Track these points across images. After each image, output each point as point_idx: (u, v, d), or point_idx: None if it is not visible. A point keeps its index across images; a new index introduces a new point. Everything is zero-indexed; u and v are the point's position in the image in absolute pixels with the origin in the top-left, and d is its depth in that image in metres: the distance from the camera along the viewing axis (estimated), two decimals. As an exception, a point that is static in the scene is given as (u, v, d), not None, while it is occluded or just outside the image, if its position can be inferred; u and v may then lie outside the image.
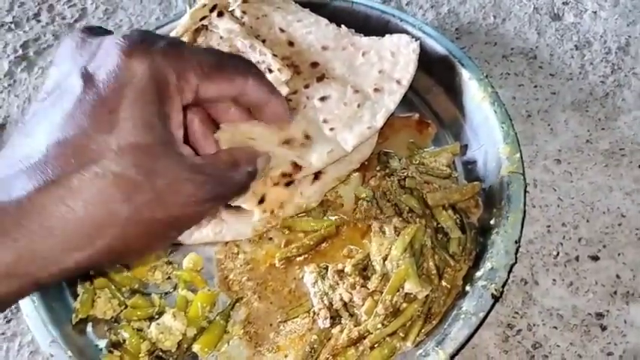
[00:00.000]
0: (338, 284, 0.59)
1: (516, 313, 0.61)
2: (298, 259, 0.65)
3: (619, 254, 0.64)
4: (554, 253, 0.65)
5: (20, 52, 0.95)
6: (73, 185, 0.34)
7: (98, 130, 0.36)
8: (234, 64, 0.45)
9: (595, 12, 0.85)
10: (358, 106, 0.68)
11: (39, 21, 0.99)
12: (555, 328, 0.60)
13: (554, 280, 0.63)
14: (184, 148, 0.41)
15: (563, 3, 0.86)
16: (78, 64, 0.38)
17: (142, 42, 0.38)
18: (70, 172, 0.35)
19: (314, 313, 0.60)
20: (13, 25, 0.99)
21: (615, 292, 0.62)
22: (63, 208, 0.34)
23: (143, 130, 0.37)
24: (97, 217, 0.35)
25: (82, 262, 0.36)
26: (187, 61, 0.40)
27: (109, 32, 0.42)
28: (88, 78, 0.37)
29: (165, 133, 0.39)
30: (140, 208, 0.37)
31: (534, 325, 0.61)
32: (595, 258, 0.64)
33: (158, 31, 0.83)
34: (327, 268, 0.61)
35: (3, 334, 0.69)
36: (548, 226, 0.67)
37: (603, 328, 0.60)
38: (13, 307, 0.70)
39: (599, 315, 0.60)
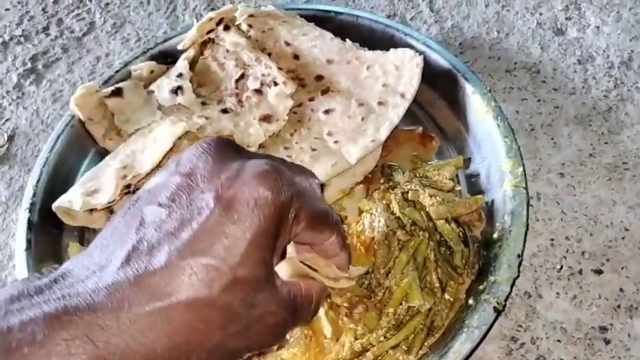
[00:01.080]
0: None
1: (520, 326, 0.61)
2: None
3: (623, 268, 0.64)
4: (558, 266, 0.65)
5: (29, 65, 0.96)
6: (182, 302, 0.35)
7: (220, 258, 0.36)
8: (332, 219, 0.46)
9: (598, 27, 0.85)
10: (362, 119, 0.69)
11: (48, 34, 1.01)
12: (559, 341, 0.60)
13: (557, 293, 0.63)
14: (278, 280, 0.42)
15: (566, 18, 0.87)
16: (213, 184, 0.38)
17: (281, 178, 0.39)
18: (181, 290, 0.35)
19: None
20: (22, 39, 1.00)
21: (619, 306, 0.61)
22: (166, 327, 0.34)
23: (258, 266, 0.38)
24: (192, 341, 0.36)
25: None
26: (306, 207, 0.42)
27: (239, 149, 0.43)
28: (221, 203, 0.37)
29: (271, 268, 0.40)
30: (229, 338, 0.37)
31: (538, 338, 0.60)
32: (598, 272, 0.64)
33: (165, 45, 0.84)
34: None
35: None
36: (552, 240, 0.67)
37: (607, 342, 0.60)
38: None
39: (603, 329, 0.60)
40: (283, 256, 0.49)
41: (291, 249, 0.49)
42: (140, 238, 0.37)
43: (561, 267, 0.65)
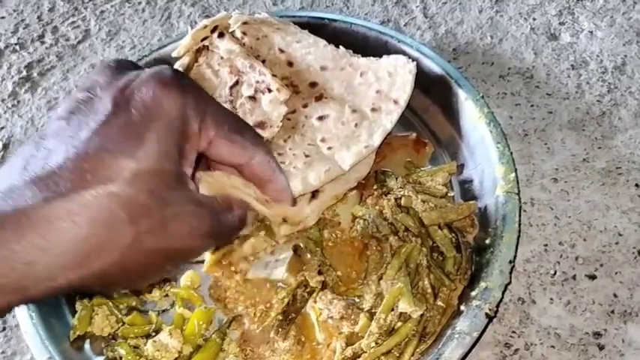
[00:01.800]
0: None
1: (514, 332, 0.61)
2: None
3: (616, 273, 0.64)
4: (552, 272, 0.65)
5: (24, 73, 0.97)
6: (83, 201, 0.34)
7: (120, 151, 0.36)
8: (250, 134, 0.46)
9: (591, 32, 0.86)
10: (356, 125, 0.69)
11: (43, 42, 1.01)
12: (553, 347, 0.60)
13: (551, 299, 0.63)
14: (192, 184, 0.42)
15: (560, 23, 0.87)
16: (111, 90, 0.39)
17: (178, 81, 0.40)
18: (83, 187, 0.34)
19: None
20: (17, 47, 1.01)
21: (613, 311, 0.61)
22: (68, 223, 0.34)
23: (163, 159, 0.38)
24: (99, 237, 0.35)
25: (74, 281, 0.35)
26: (211, 114, 0.42)
27: (140, 67, 0.43)
28: (119, 102, 0.38)
29: (180, 166, 0.40)
30: (144, 235, 0.37)
31: (532, 344, 0.60)
32: (592, 277, 0.64)
33: (160, 52, 0.84)
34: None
35: (3, 352, 0.69)
36: (546, 245, 0.67)
37: (601, 348, 0.59)
38: (13, 325, 0.70)
39: (597, 334, 0.60)
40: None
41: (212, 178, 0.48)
42: (39, 146, 0.37)
43: (555, 272, 0.65)
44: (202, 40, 0.80)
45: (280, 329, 0.59)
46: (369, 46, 0.79)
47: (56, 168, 0.35)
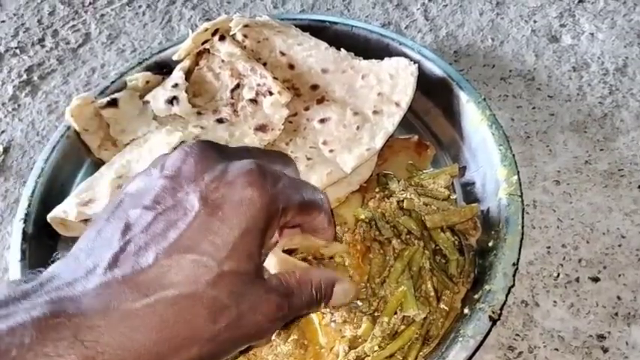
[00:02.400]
0: None
1: (517, 335, 0.61)
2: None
3: (620, 275, 0.63)
4: (555, 274, 0.65)
5: (25, 76, 0.96)
6: (169, 297, 0.35)
7: (207, 254, 0.37)
8: (319, 202, 0.48)
9: (592, 34, 0.85)
10: (357, 128, 0.69)
11: (43, 46, 1.01)
12: (557, 350, 0.60)
13: (554, 301, 0.63)
14: (266, 272, 0.43)
15: (561, 25, 0.87)
16: (198, 187, 0.39)
17: (264, 177, 0.40)
18: (170, 287, 0.36)
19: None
20: (17, 50, 1.01)
21: (616, 314, 0.61)
22: (153, 321, 0.35)
23: (246, 261, 0.39)
24: (181, 335, 0.36)
25: None
26: (293, 200, 0.43)
27: (220, 148, 0.44)
28: (207, 203, 0.38)
29: (259, 261, 0.41)
30: (222, 329, 0.38)
31: (535, 347, 0.60)
32: (595, 279, 0.64)
33: (160, 55, 0.84)
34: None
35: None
36: (548, 248, 0.66)
37: (605, 350, 0.59)
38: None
39: (601, 337, 0.60)
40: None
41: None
42: (127, 241, 0.37)
43: (558, 275, 0.64)
44: (203, 43, 0.80)
45: (282, 332, 0.59)
46: (370, 49, 0.79)
47: (146, 268, 0.36)
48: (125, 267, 0.36)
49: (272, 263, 0.51)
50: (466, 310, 0.56)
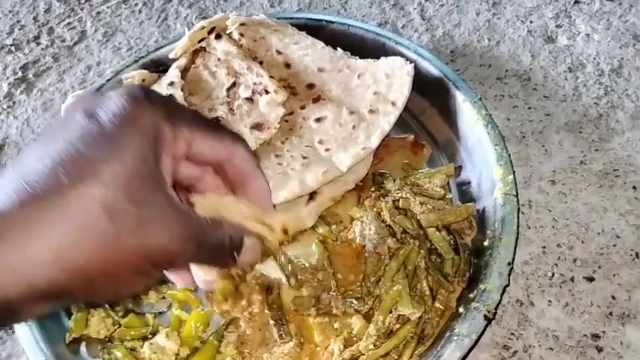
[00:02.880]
0: None
1: (512, 334, 0.61)
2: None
3: (614, 275, 0.64)
4: (550, 274, 0.65)
5: (20, 74, 0.96)
6: (60, 202, 0.35)
7: (95, 155, 0.36)
8: (227, 131, 0.46)
9: (588, 35, 0.86)
10: (353, 127, 0.69)
11: (39, 43, 1.01)
12: (551, 349, 0.60)
13: (549, 301, 0.63)
14: (173, 192, 0.42)
15: (557, 26, 0.88)
16: (83, 106, 0.39)
17: (145, 94, 0.40)
18: (61, 190, 0.35)
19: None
20: (13, 48, 1.00)
21: (611, 313, 0.61)
22: (45, 224, 0.34)
23: (140, 163, 0.38)
24: (78, 234, 0.35)
25: (54, 281, 0.35)
26: (183, 117, 0.42)
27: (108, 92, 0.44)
28: (91, 115, 0.38)
29: (157, 170, 0.40)
30: (123, 235, 0.37)
31: (530, 346, 0.60)
32: (590, 279, 0.64)
33: (157, 53, 0.84)
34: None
35: (-3, 355, 0.69)
36: (544, 247, 0.67)
37: (599, 350, 0.59)
38: (8, 328, 0.69)
39: (595, 336, 0.60)
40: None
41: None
42: (15, 164, 0.37)
43: (553, 274, 0.65)
44: (199, 41, 0.80)
45: (280, 330, 0.59)
46: (366, 48, 0.79)
47: (32, 174, 0.35)
48: (10, 178, 0.36)
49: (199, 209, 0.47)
50: (461, 309, 0.57)
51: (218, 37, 0.79)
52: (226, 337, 0.62)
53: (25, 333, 0.63)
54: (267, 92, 0.73)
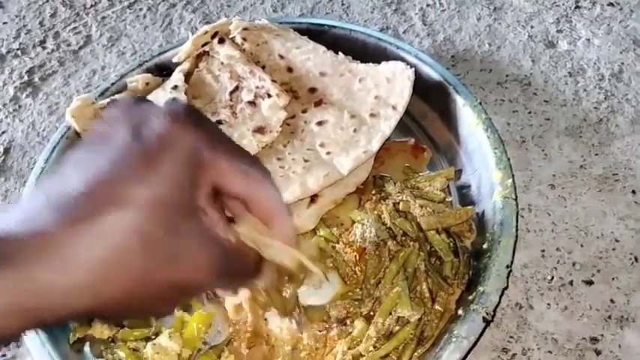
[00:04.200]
0: None
1: (511, 337, 0.62)
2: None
3: (613, 279, 0.64)
4: (549, 277, 0.65)
5: (26, 78, 0.97)
6: (98, 226, 0.34)
7: (134, 179, 0.36)
8: (260, 168, 0.46)
9: (588, 39, 0.86)
10: (354, 130, 0.70)
11: (44, 48, 1.02)
12: (550, 352, 0.60)
13: (548, 304, 0.63)
14: (207, 219, 0.42)
15: (557, 31, 0.88)
16: (127, 121, 0.39)
17: (189, 116, 0.40)
18: (98, 213, 0.35)
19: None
20: (19, 52, 1.01)
21: (610, 317, 0.62)
22: (83, 248, 0.34)
23: (177, 188, 0.38)
24: (111, 263, 0.35)
25: (87, 307, 0.35)
26: (223, 147, 0.42)
27: (151, 103, 0.44)
28: (134, 133, 0.38)
29: (192, 197, 0.40)
30: (155, 265, 0.37)
31: (529, 349, 0.60)
32: (589, 282, 0.64)
33: (161, 57, 0.85)
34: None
35: (4, 355, 0.69)
36: (543, 251, 0.67)
37: (598, 353, 0.60)
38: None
39: (594, 339, 0.60)
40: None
41: None
42: (55, 177, 0.37)
43: (552, 278, 0.65)
44: (203, 45, 0.81)
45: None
46: (368, 53, 0.80)
47: (72, 193, 0.35)
48: (51, 193, 0.35)
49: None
50: (460, 312, 0.57)
51: (221, 41, 0.80)
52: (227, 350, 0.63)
53: (29, 333, 0.64)
54: (269, 96, 0.73)
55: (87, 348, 0.66)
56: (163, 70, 0.84)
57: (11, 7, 1.10)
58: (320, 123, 0.72)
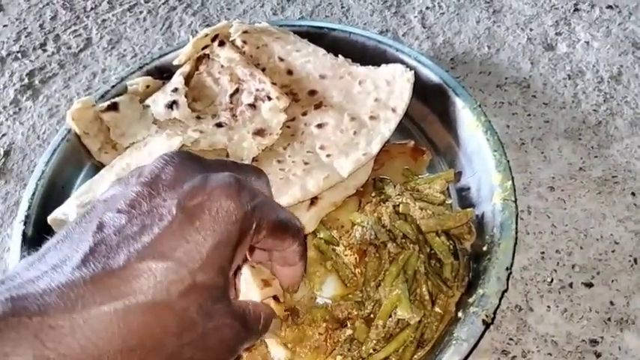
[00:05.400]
0: None
1: (511, 339, 0.62)
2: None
3: (613, 281, 0.64)
4: (549, 279, 0.65)
5: (26, 80, 0.97)
6: (139, 304, 0.34)
7: (180, 263, 0.36)
8: (293, 225, 0.47)
9: (587, 42, 0.86)
10: (354, 133, 0.70)
11: (45, 50, 1.02)
12: (550, 354, 0.60)
13: (548, 306, 0.63)
14: (232, 291, 0.43)
15: (556, 33, 0.88)
16: (176, 195, 0.38)
17: (244, 191, 0.40)
18: (140, 293, 0.34)
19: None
20: (19, 55, 1.02)
21: (609, 319, 0.62)
22: (118, 327, 0.34)
23: (217, 274, 0.38)
24: (145, 344, 0.35)
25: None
26: (267, 218, 0.42)
27: (199, 159, 0.44)
28: (184, 212, 0.37)
29: (229, 279, 0.40)
30: (184, 347, 0.37)
31: (529, 351, 0.61)
32: (589, 285, 0.64)
33: (161, 60, 0.85)
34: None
35: None
36: (542, 253, 0.67)
37: (597, 355, 0.60)
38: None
39: (594, 342, 0.61)
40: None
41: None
42: (98, 241, 0.36)
43: (552, 280, 0.65)
44: (203, 48, 0.81)
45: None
46: (367, 55, 0.80)
47: (117, 270, 0.34)
48: (94, 267, 0.34)
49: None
50: (460, 314, 0.57)
51: (221, 44, 0.80)
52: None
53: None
54: (269, 99, 0.74)
55: None
56: (164, 73, 0.84)
57: (12, 10, 1.10)
58: (320, 125, 0.72)
